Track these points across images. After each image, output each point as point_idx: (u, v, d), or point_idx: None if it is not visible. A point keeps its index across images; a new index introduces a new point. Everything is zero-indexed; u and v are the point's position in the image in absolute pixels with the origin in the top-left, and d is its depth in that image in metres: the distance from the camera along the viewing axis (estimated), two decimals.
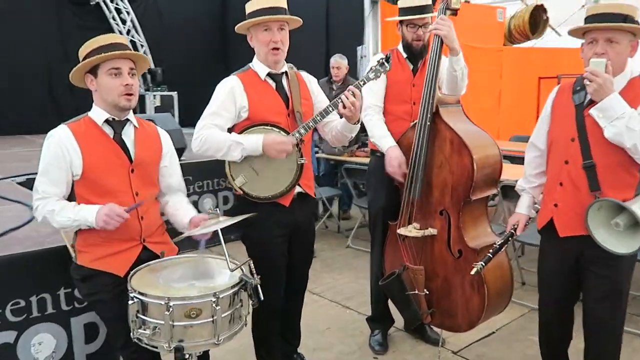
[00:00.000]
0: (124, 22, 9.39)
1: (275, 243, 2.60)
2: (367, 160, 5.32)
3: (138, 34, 9.63)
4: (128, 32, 9.43)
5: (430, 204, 2.82)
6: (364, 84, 2.52)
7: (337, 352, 3.30)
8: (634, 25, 2.14)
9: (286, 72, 2.64)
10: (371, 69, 2.54)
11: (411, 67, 3.09)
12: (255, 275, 1.97)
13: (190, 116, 5.36)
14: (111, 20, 9.36)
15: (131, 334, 1.93)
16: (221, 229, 2.03)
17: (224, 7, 10.60)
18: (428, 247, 2.84)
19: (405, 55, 3.09)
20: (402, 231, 2.82)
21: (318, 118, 2.51)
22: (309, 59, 6.09)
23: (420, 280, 2.84)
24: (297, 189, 2.62)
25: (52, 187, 2.13)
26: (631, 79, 2.23)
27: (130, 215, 2.13)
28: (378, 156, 3.13)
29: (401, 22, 3.04)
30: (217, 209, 2.15)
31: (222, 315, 1.86)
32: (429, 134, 2.76)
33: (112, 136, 2.20)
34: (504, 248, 2.50)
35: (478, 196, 2.73)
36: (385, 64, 2.52)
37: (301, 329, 3.02)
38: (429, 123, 2.76)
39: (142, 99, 8.91)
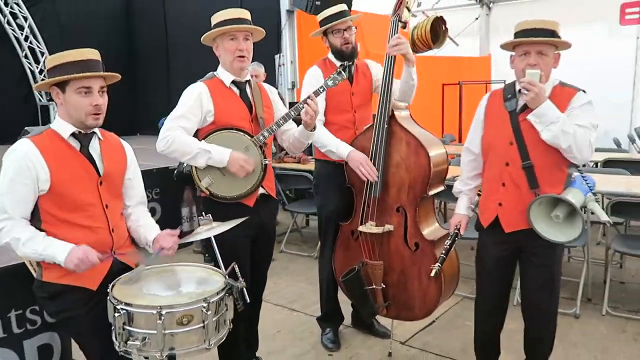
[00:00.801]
0: (21, 28, 8.72)
1: (242, 243, 2.64)
2: (295, 166, 5.49)
3: (37, 41, 8.99)
4: (26, 38, 8.77)
5: (386, 201, 2.98)
6: (323, 91, 2.65)
7: (290, 355, 3.35)
8: (561, 40, 2.41)
9: (249, 81, 2.71)
10: (329, 77, 2.68)
11: (346, 76, 3.24)
12: (240, 279, 2.00)
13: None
14: (6, 26, 8.65)
15: (117, 347, 1.87)
16: (202, 235, 2.04)
17: (127, 10, 10.18)
18: (385, 242, 2.99)
19: (337, 63, 3.22)
20: (363, 228, 2.96)
21: (281, 122, 2.63)
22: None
23: (379, 275, 2.99)
24: (261, 190, 2.69)
25: (18, 205, 2.01)
26: (554, 86, 2.47)
27: (103, 227, 2.10)
28: (327, 162, 3.24)
29: (325, 32, 3.19)
30: (209, 215, 2.14)
31: (212, 320, 1.87)
32: (386, 136, 2.93)
33: (78, 149, 2.12)
34: (453, 247, 2.70)
35: (433, 192, 2.95)
36: (342, 72, 2.68)
37: None
38: (386, 126, 2.93)
39: (46, 109, 8.34)
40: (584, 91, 2.46)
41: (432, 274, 2.56)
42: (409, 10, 3.27)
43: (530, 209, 2.41)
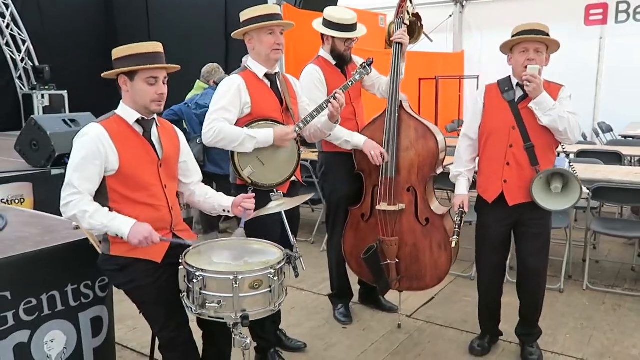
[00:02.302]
0: (2, 15, 8.54)
1: (276, 227, 2.86)
2: None
3: (19, 29, 8.80)
4: (7, 26, 8.60)
5: (398, 182, 3.27)
6: (352, 85, 2.91)
7: (308, 328, 3.62)
8: (554, 39, 2.81)
9: (278, 73, 2.92)
10: (356, 71, 2.95)
11: (340, 71, 3.49)
12: (296, 250, 2.24)
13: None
14: None
15: (192, 310, 2.08)
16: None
17: (109, 1, 10.07)
18: (398, 220, 3.28)
19: (334, 63, 3.46)
20: (381, 207, 3.24)
21: (314, 114, 2.84)
22: (209, 59, 6.16)
23: (393, 250, 3.28)
24: (292, 177, 2.91)
25: (86, 182, 2.19)
26: (542, 82, 2.82)
27: (164, 206, 2.30)
28: (335, 153, 3.47)
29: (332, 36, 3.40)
30: (280, 192, 2.37)
31: (277, 285, 2.11)
32: (397, 123, 3.22)
33: (141, 134, 2.31)
34: (463, 222, 3.02)
35: (439, 172, 3.28)
36: (368, 67, 2.94)
37: None
38: (397, 114, 3.22)
39: (28, 98, 8.20)
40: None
41: (453, 245, 2.90)
42: (408, 13, 3.57)
43: (533, 184, 2.80)
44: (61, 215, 2.32)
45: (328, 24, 3.36)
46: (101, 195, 2.25)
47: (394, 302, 3.79)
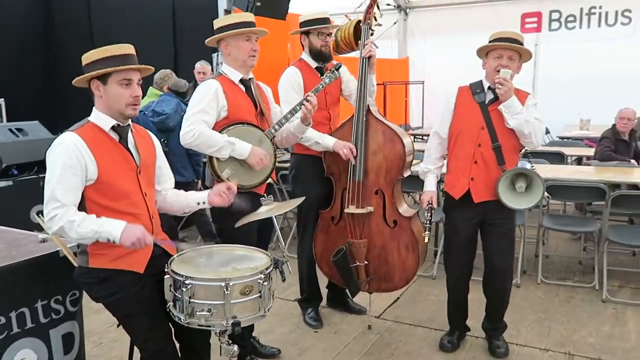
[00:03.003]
0: None
1: (253, 229, 2.85)
2: None
3: None
4: None
5: (366, 186, 3.32)
6: (322, 88, 2.96)
7: (279, 334, 3.60)
8: (527, 49, 2.96)
9: (252, 79, 2.93)
10: (326, 75, 3.00)
11: (319, 75, 3.55)
12: (284, 254, 2.25)
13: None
14: None
15: (180, 319, 2.04)
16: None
17: (46, 2, 9.52)
18: (367, 222, 3.34)
19: (314, 66, 3.53)
20: (349, 210, 3.29)
21: (288, 116, 2.90)
22: (156, 63, 6.01)
23: (362, 252, 3.33)
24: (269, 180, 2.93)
25: (69, 194, 2.10)
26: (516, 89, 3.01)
27: (144, 214, 2.25)
28: (306, 156, 3.51)
29: (307, 32, 3.49)
30: (270, 197, 2.35)
31: (267, 290, 2.10)
32: (365, 127, 3.28)
33: (118, 141, 2.25)
34: (433, 218, 3.13)
35: (406, 174, 3.36)
36: (336, 71, 3.01)
37: None
38: (364, 119, 3.28)
39: None
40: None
41: (425, 240, 3.01)
42: (375, 19, 3.67)
43: (499, 183, 2.94)
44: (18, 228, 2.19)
45: (302, 24, 3.46)
46: (79, 207, 2.16)
47: (362, 304, 3.85)
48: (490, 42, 2.98)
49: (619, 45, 8.95)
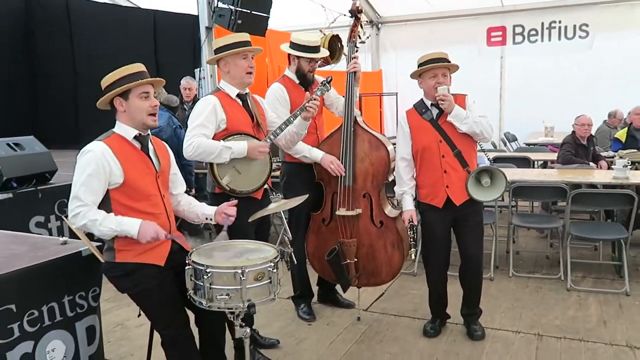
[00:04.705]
0: None
1: (250, 231, 3.14)
2: None
3: None
4: None
5: (355, 190, 3.66)
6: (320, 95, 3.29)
7: (277, 327, 3.89)
8: (454, 64, 3.36)
9: (248, 93, 3.24)
10: (318, 88, 3.32)
11: (304, 90, 3.87)
12: (289, 246, 2.56)
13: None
14: None
15: (202, 304, 2.32)
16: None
17: (27, 11, 9.61)
18: (356, 223, 3.67)
19: (297, 82, 3.84)
20: (340, 212, 3.61)
21: (283, 126, 3.20)
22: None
23: (352, 251, 3.65)
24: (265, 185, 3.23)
25: (92, 195, 2.39)
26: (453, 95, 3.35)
27: (163, 213, 2.55)
28: (297, 164, 3.80)
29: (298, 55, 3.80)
30: (279, 195, 2.66)
31: (276, 277, 2.41)
32: (353, 136, 3.62)
33: (140, 149, 2.54)
34: (417, 235, 3.49)
35: (390, 179, 3.71)
36: (327, 84, 3.33)
37: None
38: (352, 129, 3.63)
39: None
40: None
41: (413, 257, 3.41)
42: (359, 37, 4.02)
43: (467, 183, 3.32)
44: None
45: (295, 46, 3.71)
46: (104, 207, 2.44)
47: (351, 299, 4.17)
48: (422, 64, 3.33)
49: (577, 57, 9.57)
